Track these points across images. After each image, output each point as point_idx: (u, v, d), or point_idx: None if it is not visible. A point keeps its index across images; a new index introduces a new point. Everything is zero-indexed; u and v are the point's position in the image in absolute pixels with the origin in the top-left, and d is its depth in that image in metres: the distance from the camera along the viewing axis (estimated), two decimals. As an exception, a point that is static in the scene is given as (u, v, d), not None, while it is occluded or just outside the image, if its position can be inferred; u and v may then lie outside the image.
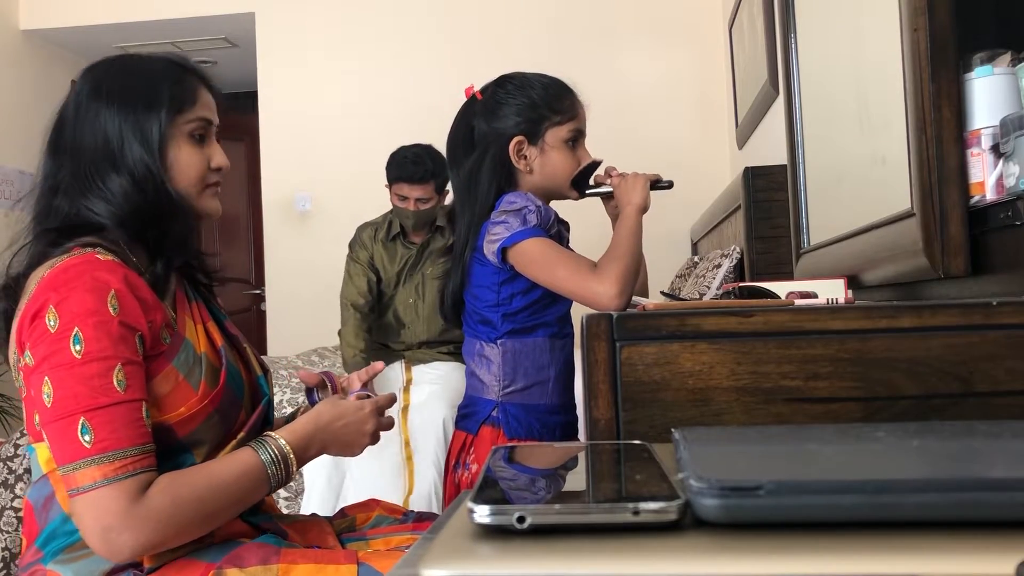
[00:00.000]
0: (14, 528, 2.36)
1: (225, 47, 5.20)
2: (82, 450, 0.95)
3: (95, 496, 0.95)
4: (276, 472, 1.07)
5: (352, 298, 2.79)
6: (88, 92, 1.13)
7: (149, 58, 1.17)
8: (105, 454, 0.95)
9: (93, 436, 0.95)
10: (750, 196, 2.49)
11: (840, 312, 0.79)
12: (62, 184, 1.11)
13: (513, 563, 0.43)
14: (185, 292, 1.17)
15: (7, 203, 4.71)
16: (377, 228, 2.80)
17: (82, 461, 0.95)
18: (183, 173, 1.13)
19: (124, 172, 1.09)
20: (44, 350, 0.98)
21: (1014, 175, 0.93)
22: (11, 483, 2.39)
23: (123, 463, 0.96)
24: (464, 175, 1.44)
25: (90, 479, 0.95)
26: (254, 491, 1.07)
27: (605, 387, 0.79)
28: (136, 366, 1.00)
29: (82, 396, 0.96)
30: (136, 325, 1.01)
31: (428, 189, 2.66)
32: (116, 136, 1.09)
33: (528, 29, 4.30)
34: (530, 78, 1.45)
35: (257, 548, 1.08)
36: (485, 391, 1.43)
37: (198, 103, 1.15)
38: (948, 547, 0.42)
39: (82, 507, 0.96)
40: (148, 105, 1.10)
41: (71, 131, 1.12)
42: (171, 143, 1.12)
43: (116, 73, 1.15)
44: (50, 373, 0.97)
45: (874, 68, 1.25)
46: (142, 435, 0.99)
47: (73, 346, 0.97)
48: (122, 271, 1.03)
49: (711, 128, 4.21)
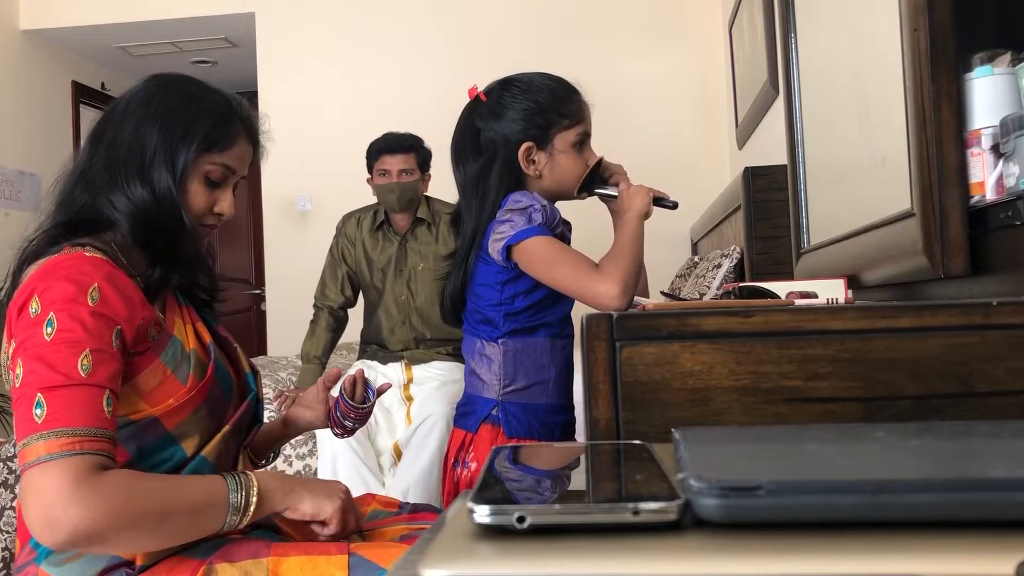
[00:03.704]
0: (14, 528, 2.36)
1: (225, 47, 5.20)
2: (33, 425, 0.93)
3: (38, 471, 0.91)
4: (237, 493, 1.04)
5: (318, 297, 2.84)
6: (141, 99, 1.15)
7: (209, 90, 1.19)
8: (53, 429, 0.93)
9: (45, 411, 0.93)
10: (750, 196, 2.49)
11: (840, 312, 0.79)
12: (90, 172, 1.13)
13: (513, 563, 0.43)
14: (176, 298, 1.19)
15: (7, 203, 4.71)
16: (361, 218, 2.80)
17: (31, 436, 0.93)
18: (187, 206, 1.14)
19: (147, 185, 1.12)
20: (22, 335, 0.98)
21: (1014, 175, 0.93)
22: (11, 483, 2.39)
23: (71, 440, 0.93)
24: (471, 179, 1.44)
25: (35, 454, 0.92)
26: (210, 507, 1.03)
27: (605, 387, 0.79)
28: (106, 355, 0.99)
29: (43, 374, 0.95)
30: (115, 318, 1.01)
31: (410, 160, 2.68)
32: (150, 152, 1.12)
33: (528, 29, 4.30)
34: (535, 81, 1.45)
35: (248, 543, 1.08)
36: (485, 390, 1.44)
37: (230, 151, 1.16)
38: (948, 547, 0.42)
39: (26, 483, 0.92)
40: (184, 135, 1.13)
41: (114, 128, 1.14)
42: (191, 176, 1.14)
43: (172, 93, 1.17)
44: (22, 355, 0.97)
45: (874, 68, 1.25)
46: (99, 420, 0.96)
47: (45, 329, 0.97)
48: (107, 268, 1.04)
49: (711, 128, 4.21)
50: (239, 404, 1.19)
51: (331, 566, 1.05)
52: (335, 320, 2.82)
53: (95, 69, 5.51)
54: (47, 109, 5.07)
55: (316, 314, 2.83)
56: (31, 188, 4.88)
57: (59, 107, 5.19)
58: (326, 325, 2.80)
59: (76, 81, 5.34)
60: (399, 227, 2.76)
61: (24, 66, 4.88)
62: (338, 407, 1.43)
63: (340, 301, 2.82)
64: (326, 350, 2.79)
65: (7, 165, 4.71)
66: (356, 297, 2.86)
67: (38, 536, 0.92)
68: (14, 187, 4.76)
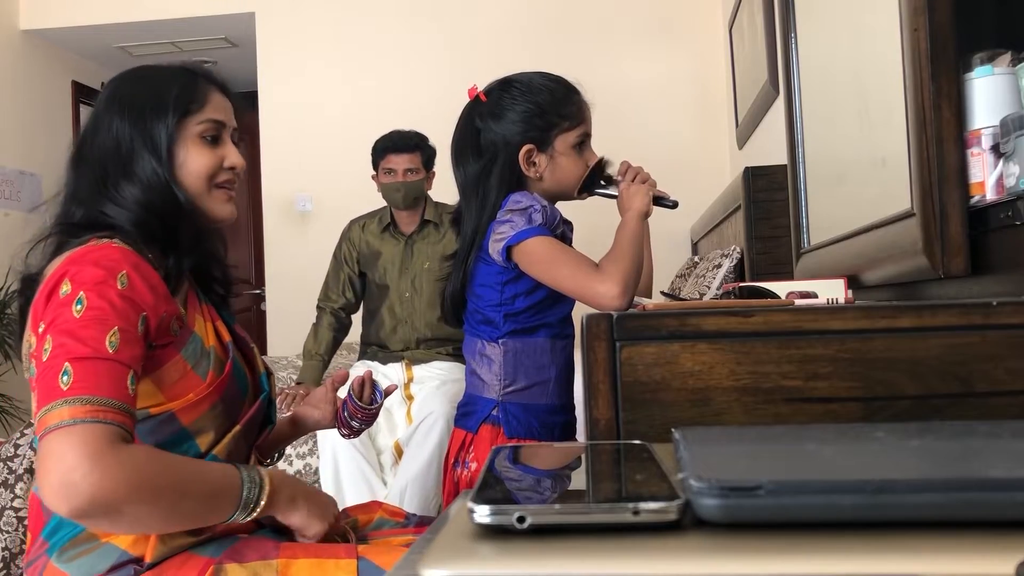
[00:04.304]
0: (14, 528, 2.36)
1: (225, 47, 5.20)
2: (58, 392, 0.92)
3: (59, 435, 0.89)
4: (251, 489, 1.05)
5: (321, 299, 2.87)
6: (104, 103, 1.16)
7: (161, 67, 1.20)
8: (78, 396, 0.92)
9: (71, 379, 0.93)
10: (750, 196, 2.49)
11: (840, 312, 0.79)
12: (80, 193, 1.14)
13: (513, 563, 0.43)
14: (197, 295, 1.20)
15: (7, 203, 4.70)
16: (366, 222, 2.84)
17: (56, 402, 0.92)
18: (191, 172, 1.14)
19: (135, 180, 1.12)
20: (51, 315, 0.99)
21: (1014, 175, 0.93)
22: (11, 483, 2.39)
23: (96, 408, 0.92)
24: (471, 179, 1.44)
25: (58, 418, 0.90)
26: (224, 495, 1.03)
27: (605, 387, 0.79)
28: (132, 337, 0.99)
29: (71, 347, 0.95)
30: (141, 304, 1.02)
31: (415, 159, 2.71)
32: (127, 144, 1.12)
33: (528, 29, 4.30)
34: (535, 81, 1.45)
35: (257, 543, 1.08)
36: (485, 390, 1.44)
37: (208, 105, 1.16)
38: (948, 547, 0.42)
39: (45, 449, 0.90)
40: (155, 111, 1.13)
41: (90, 143, 1.15)
42: (179, 146, 1.14)
43: (129, 83, 1.18)
44: (52, 331, 0.97)
45: (874, 68, 1.25)
46: (123, 395, 0.95)
47: (75, 307, 0.98)
48: (134, 258, 1.05)
49: (711, 128, 4.21)
50: (252, 403, 1.20)
51: (340, 570, 1.05)
52: (337, 321, 2.84)
53: (95, 69, 5.51)
54: (47, 109, 5.07)
55: (319, 315, 2.87)
56: (31, 188, 4.88)
57: (59, 107, 5.19)
58: (328, 324, 2.83)
59: (76, 81, 5.34)
60: (405, 228, 2.77)
61: (24, 66, 4.87)
62: (345, 408, 1.43)
63: (342, 302, 2.84)
64: (328, 348, 2.80)
65: (7, 165, 4.71)
66: (359, 302, 2.88)
67: (53, 504, 0.90)
68: (14, 187, 4.75)
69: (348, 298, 2.85)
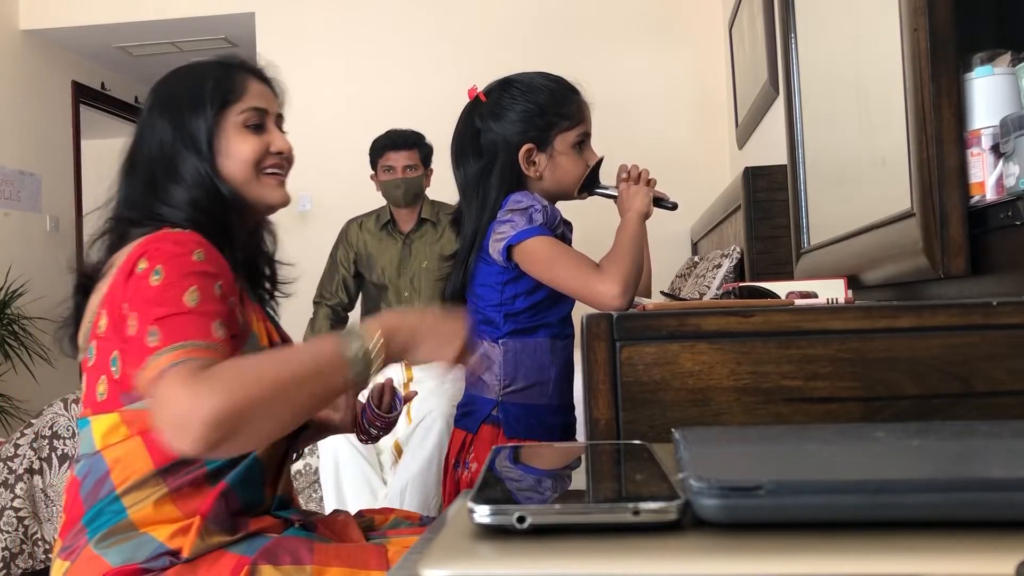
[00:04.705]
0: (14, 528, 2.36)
1: (225, 47, 5.20)
2: (147, 350, 0.93)
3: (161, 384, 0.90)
4: (357, 347, 0.99)
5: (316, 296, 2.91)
6: (147, 109, 1.17)
7: (197, 63, 1.20)
8: (168, 346, 0.93)
9: (159, 335, 0.94)
10: (750, 196, 2.49)
11: (840, 312, 0.79)
12: (132, 198, 1.14)
13: (513, 563, 0.43)
14: (248, 294, 1.20)
15: (7, 203, 4.71)
16: (363, 221, 2.87)
17: (149, 358, 0.93)
18: (236, 161, 1.15)
19: (180, 180, 1.12)
20: (131, 291, 1.00)
21: (1014, 175, 0.93)
22: (11, 483, 2.39)
23: (187, 350, 0.93)
24: (472, 180, 1.44)
25: (153, 371, 0.92)
26: (330, 366, 0.98)
27: (605, 387, 0.79)
28: (211, 296, 1.00)
29: (153, 311, 0.97)
30: (217, 274, 1.03)
31: (413, 156, 2.74)
32: (169, 145, 1.13)
33: (528, 29, 4.30)
34: (536, 81, 1.45)
35: (289, 544, 1.07)
36: (486, 390, 1.44)
37: (247, 94, 1.17)
38: (948, 547, 0.42)
39: (153, 406, 0.91)
40: (192, 108, 1.13)
41: (138, 149, 1.16)
42: (221, 138, 1.14)
43: (167, 85, 1.19)
44: (134, 306, 0.99)
45: (874, 68, 1.25)
46: (211, 337, 0.96)
47: (152, 278, 0.99)
48: (207, 244, 1.06)
49: (711, 128, 4.21)
50: None
51: None
52: (334, 313, 2.89)
53: (95, 69, 5.51)
54: (47, 109, 5.07)
55: (315, 309, 2.92)
56: (31, 188, 4.88)
57: (59, 107, 5.19)
58: (324, 315, 2.89)
59: (76, 81, 5.33)
60: (403, 226, 2.78)
61: (24, 66, 4.87)
62: (364, 414, 1.44)
63: (335, 301, 2.88)
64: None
65: (7, 165, 4.71)
66: (352, 302, 2.91)
67: (180, 445, 0.89)
68: (14, 187, 4.75)
69: (342, 298, 2.89)
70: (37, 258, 4.82)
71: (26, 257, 4.72)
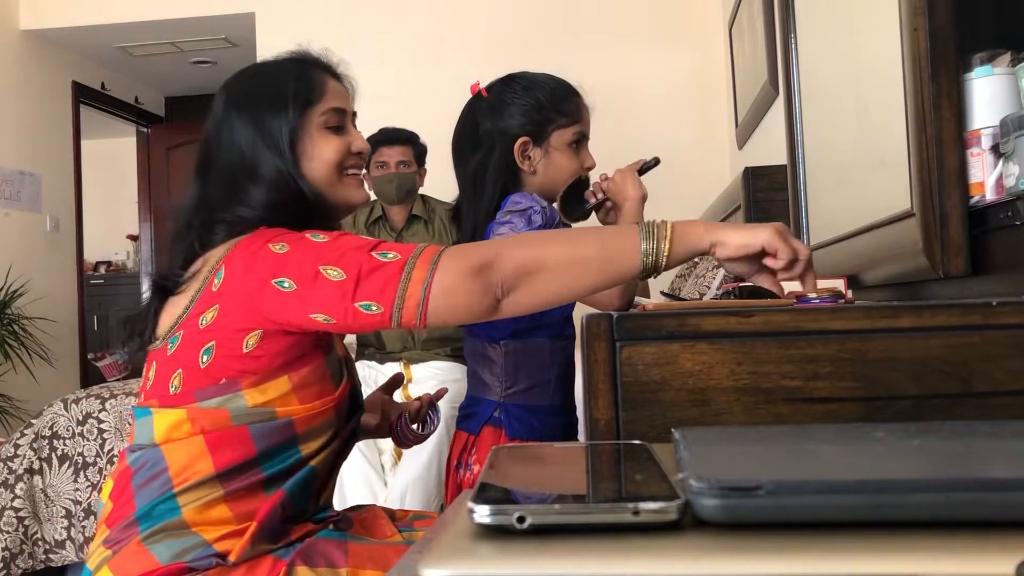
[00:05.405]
0: (14, 528, 2.36)
1: (225, 47, 5.20)
2: (390, 273, 0.97)
3: (437, 275, 0.96)
4: (649, 234, 0.97)
5: None
6: (222, 108, 1.15)
7: (274, 61, 1.19)
8: (412, 254, 0.99)
9: (392, 252, 0.99)
10: (750, 196, 2.48)
11: (840, 312, 0.79)
12: (210, 200, 1.12)
13: (513, 563, 0.43)
14: None
15: (7, 203, 4.70)
16: (356, 215, 2.83)
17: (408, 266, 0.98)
18: (320, 164, 1.14)
19: (260, 181, 1.10)
20: (295, 255, 1.01)
21: (1014, 175, 0.93)
22: (11, 483, 2.39)
23: (432, 249, 0.99)
24: (470, 173, 1.44)
25: (422, 270, 0.96)
26: (620, 242, 0.98)
27: (605, 387, 0.79)
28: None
29: (343, 254, 0.99)
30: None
31: (407, 152, 2.72)
32: (249, 146, 1.11)
33: (528, 29, 4.30)
34: (537, 78, 1.45)
35: (324, 546, 1.07)
36: (487, 392, 1.43)
37: (327, 94, 1.16)
38: (948, 547, 0.42)
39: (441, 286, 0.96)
40: (274, 107, 1.12)
41: (214, 150, 1.13)
42: (304, 139, 1.13)
43: (244, 83, 1.17)
44: (312, 261, 0.99)
45: (874, 68, 1.25)
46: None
47: (313, 238, 1.01)
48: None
49: (711, 128, 4.21)
50: (348, 417, 1.19)
51: None
52: None
53: (95, 69, 5.50)
54: (47, 109, 5.06)
55: None
56: (31, 188, 4.88)
57: (59, 107, 5.19)
58: None
59: (76, 81, 5.33)
60: (395, 223, 2.77)
61: (24, 66, 4.87)
62: (399, 426, 1.45)
63: None
64: None
65: (7, 165, 4.71)
66: None
67: (480, 311, 0.97)
68: (14, 187, 4.75)
69: None
70: (37, 258, 4.82)
71: (26, 257, 4.72)
